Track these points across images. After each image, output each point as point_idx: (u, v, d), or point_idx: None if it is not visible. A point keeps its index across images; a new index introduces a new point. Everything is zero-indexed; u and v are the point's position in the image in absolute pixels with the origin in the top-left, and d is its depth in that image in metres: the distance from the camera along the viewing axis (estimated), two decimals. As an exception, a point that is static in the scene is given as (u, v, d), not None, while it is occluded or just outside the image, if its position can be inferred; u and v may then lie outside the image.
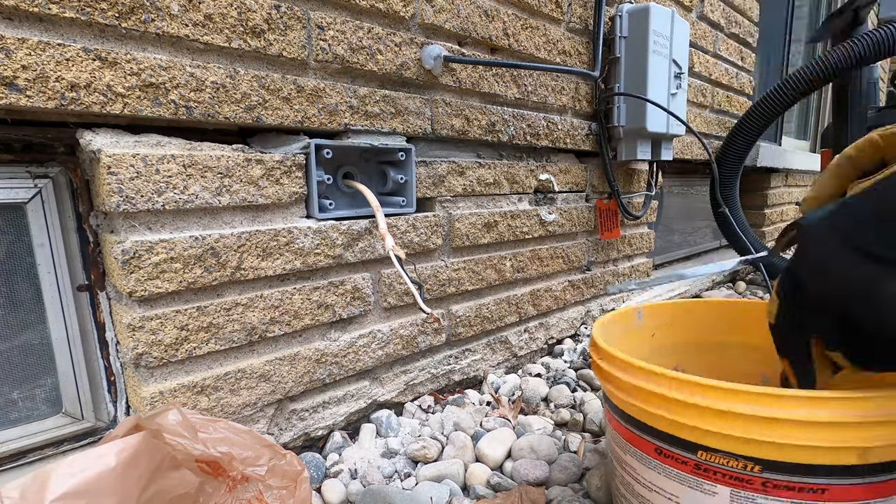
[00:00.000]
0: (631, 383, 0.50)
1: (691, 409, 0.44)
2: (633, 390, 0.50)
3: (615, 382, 0.53)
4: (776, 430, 0.41)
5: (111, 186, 0.54)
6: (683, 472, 0.47)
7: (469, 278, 0.96)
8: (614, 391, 0.53)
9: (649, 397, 0.48)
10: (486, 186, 0.97)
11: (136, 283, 0.57)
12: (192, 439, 0.49)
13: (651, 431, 0.49)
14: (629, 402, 0.50)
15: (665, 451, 0.48)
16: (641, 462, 0.52)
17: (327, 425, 0.79)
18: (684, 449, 0.46)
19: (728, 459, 0.44)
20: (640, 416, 0.50)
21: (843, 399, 0.40)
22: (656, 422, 0.48)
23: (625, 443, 0.54)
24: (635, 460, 0.53)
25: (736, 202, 1.83)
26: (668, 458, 0.48)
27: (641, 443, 0.51)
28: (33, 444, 0.62)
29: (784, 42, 2.56)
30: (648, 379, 0.48)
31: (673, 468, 0.48)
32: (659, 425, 0.48)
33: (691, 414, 0.44)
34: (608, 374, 0.54)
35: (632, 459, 0.53)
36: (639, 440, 0.51)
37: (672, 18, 1.20)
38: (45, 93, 0.51)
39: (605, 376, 0.55)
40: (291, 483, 0.54)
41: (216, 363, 0.66)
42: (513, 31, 0.97)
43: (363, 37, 0.74)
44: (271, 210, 0.69)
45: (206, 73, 0.60)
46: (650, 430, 0.49)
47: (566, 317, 1.24)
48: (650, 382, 0.48)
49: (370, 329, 0.82)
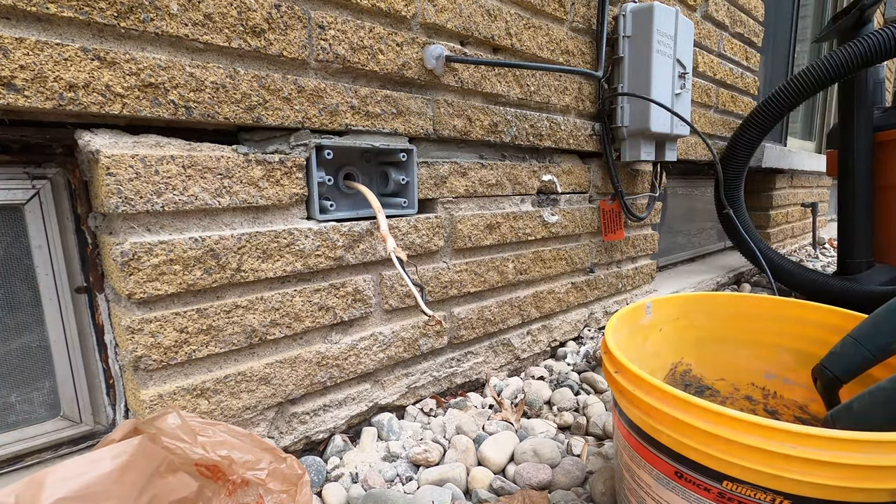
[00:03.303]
0: (652, 405, 0.47)
1: (720, 441, 0.42)
2: (653, 412, 0.47)
3: (632, 399, 0.50)
4: (808, 469, 0.39)
5: (110, 187, 0.54)
6: (705, 499, 0.45)
7: (471, 280, 0.96)
8: (630, 407, 0.51)
9: (673, 423, 0.45)
10: (489, 187, 0.97)
11: (135, 285, 0.56)
12: (191, 443, 0.49)
13: (670, 454, 0.47)
14: (647, 422, 0.48)
15: (686, 475, 0.46)
16: (658, 481, 0.49)
17: (328, 429, 0.78)
18: (708, 477, 0.44)
19: (756, 492, 0.42)
20: (659, 437, 0.48)
21: (877, 442, 0.38)
22: (678, 446, 0.46)
23: (638, 457, 0.52)
24: (650, 477, 0.50)
25: (741, 203, 1.82)
26: (690, 483, 0.46)
27: (659, 462, 0.49)
28: (31, 448, 0.62)
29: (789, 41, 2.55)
30: (672, 405, 0.45)
31: (693, 493, 0.46)
32: (681, 450, 0.46)
33: (719, 445, 0.42)
34: (623, 389, 0.51)
35: (646, 475, 0.51)
36: (656, 459, 0.49)
37: (676, 18, 1.19)
38: (43, 93, 0.50)
39: (619, 389, 0.52)
40: (292, 487, 0.53)
41: (216, 366, 0.65)
42: (515, 30, 0.96)
43: (364, 36, 0.73)
44: (272, 211, 0.68)
45: (206, 72, 0.60)
46: (669, 452, 0.47)
47: (569, 319, 1.23)
48: (675, 409, 0.45)
49: (371, 331, 0.81)
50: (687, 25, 1.24)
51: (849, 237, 1.66)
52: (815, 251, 2.76)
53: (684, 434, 0.44)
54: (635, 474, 0.53)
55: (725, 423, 0.42)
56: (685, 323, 0.80)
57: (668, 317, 0.79)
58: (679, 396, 0.45)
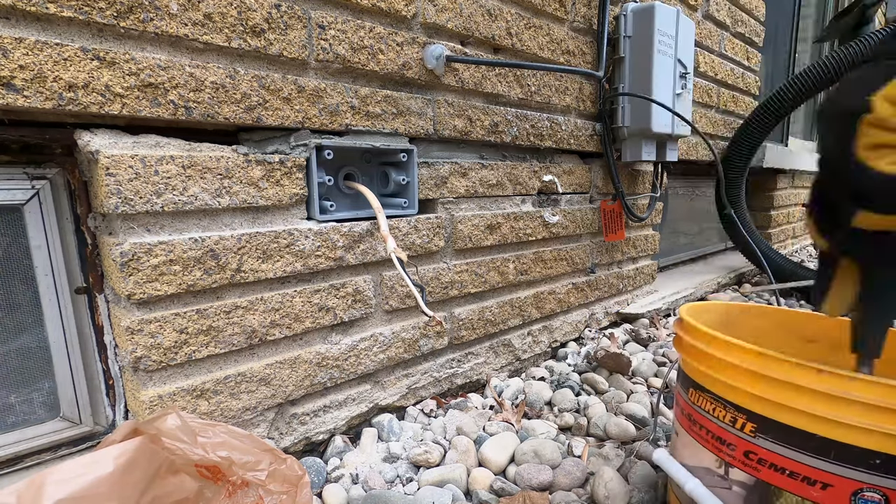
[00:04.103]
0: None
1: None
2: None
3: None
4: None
5: (109, 188, 0.54)
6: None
7: (472, 281, 0.95)
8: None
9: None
10: (489, 188, 0.96)
11: (134, 285, 0.56)
12: (191, 444, 0.48)
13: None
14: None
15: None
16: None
17: (328, 429, 0.78)
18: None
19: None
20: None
21: None
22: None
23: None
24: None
25: (742, 204, 1.82)
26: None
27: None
28: (30, 449, 0.62)
29: (790, 41, 2.54)
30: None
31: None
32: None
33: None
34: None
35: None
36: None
37: (677, 18, 1.19)
38: (42, 93, 0.50)
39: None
40: (292, 488, 0.53)
41: (216, 367, 0.65)
42: (516, 30, 0.96)
43: (364, 36, 0.73)
44: (272, 212, 0.68)
45: (206, 73, 0.60)
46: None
47: (570, 319, 1.23)
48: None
49: (372, 332, 0.81)
50: (688, 25, 1.24)
51: (850, 237, 1.66)
52: (816, 251, 2.76)
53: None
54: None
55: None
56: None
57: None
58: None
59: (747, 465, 0.50)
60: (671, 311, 1.51)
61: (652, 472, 0.70)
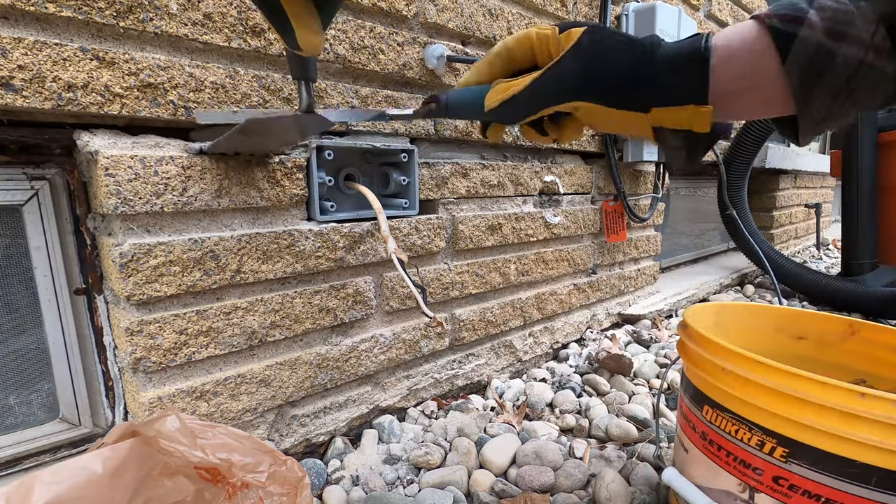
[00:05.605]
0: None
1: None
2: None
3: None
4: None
5: (109, 188, 0.53)
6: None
7: (473, 282, 0.95)
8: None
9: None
10: (490, 188, 0.96)
11: (134, 286, 0.56)
12: (190, 445, 0.48)
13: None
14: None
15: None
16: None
17: (328, 431, 0.78)
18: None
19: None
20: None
21: None
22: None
23: None
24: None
25: (744, 204, 1.82)
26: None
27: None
28: (29, 451, 0.62)
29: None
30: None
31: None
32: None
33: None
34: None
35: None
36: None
37: (679, 17, 1.19)
38: (41, 93, 0.50)
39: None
40: (292, 490, 0.53)
41: (216, 368, 0.65)
42: (517, 30, 0.96)
43: (365, 36, 0.73)
44: (272, 212, 0.68)
45: (206, 73, 0.59)
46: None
47: (571, 321, 1.23)
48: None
49: (372, 333, 0.81)
50: (690, 25, 1.23)
51: (853, 238, 1.66)
52: (818, 252, 2.75)
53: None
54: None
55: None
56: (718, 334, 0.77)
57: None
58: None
59: (776, 491, 0.48)
60: (673, 313, 1.50)
61: (653, 474, 0.70)
